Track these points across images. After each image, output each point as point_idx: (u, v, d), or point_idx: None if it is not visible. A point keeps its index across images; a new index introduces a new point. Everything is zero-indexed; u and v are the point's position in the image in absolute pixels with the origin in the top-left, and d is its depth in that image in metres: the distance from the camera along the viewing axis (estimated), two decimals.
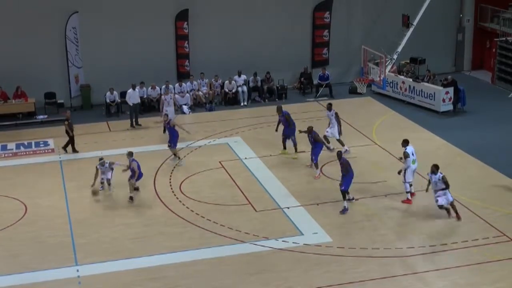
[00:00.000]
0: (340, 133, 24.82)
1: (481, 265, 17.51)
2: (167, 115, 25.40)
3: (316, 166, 23.10)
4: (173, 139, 24.50)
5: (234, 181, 22.83)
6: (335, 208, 20.66)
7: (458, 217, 19.77)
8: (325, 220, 19.92)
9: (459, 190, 21.59)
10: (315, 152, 23.22)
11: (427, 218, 20.05)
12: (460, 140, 25.92)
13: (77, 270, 17.72)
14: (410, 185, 21.11)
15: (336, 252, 18.26)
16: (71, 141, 25.54)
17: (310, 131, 23.29)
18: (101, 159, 22.32)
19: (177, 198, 21.77)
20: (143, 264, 17.93)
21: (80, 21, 30.62)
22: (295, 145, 24.87)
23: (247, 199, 21.46)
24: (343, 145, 24.74)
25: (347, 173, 20.49)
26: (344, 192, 20.45)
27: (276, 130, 25.35)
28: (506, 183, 22.24)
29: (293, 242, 18.79)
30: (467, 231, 19.21)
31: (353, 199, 20.94)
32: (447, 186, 19.66)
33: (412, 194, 21.09)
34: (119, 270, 17.70)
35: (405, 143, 21.39)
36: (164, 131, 26.08)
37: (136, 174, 21.48)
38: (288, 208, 20.89)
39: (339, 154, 20.78)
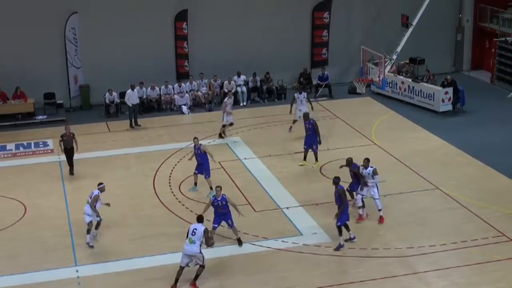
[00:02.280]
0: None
1: (480, 265, 17.52)
2: (197, 138, 22.06)
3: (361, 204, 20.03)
4: (206, 167, 21.75)
5: (233, 181, 22.83)
6: (334, 209, 20.61)
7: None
8: (324, 220, 19.89)
9: (458, 190, 21.63)
10: (353, 187, 20.08)
11: (427, 218, 20.06)
12: (459, 140, 25.93)
13: (77, 271, 17.72)
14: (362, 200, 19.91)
15: (336, 252, 18.25)
16: (67, 156, 23.68)
17: (349, 164, 20.13)
18: (100, 184, 19.52)
19: (177, 198, 21.77)
20: (143, 264, 17.93)
21: (79, 21, 30.62)
22: (315, 153, 23.84)
23: (246, 199, 21.46)
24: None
25: (342, 204, 18.24)
26: (340, 228, 18.30)
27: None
28: (505, 183, 22.26)
29: (293, 242, 18.79)
30: (466, 231, 19.21)
31: (354, 238, 18.68)
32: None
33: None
34: (119, 270, 17.70)
35: (368, 161, 19.76)
36: (192, 157, 22.26)
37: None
38: (288, 208, 20.89)
39: (336, 181, 18.41)
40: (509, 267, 17.39)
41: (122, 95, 29.82)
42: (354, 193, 20.02)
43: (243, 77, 31.73)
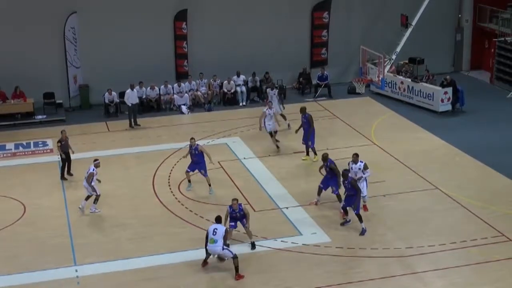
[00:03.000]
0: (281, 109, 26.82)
1: (480, 265, 17.52)
2: (194, 139, 22.00)
3: (339, 198, 20.30)
4: (203, 166, 21.83)
5: (233, 181, 22.82)
6: (334, 208, 20.66)
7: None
8: (324, 220, 19.92)
9: (457, 190, 21.63)
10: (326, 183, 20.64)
11: (426, 218, 20.06)
12: (459, 140, 25.94)
13: (76, 271, 17.72)
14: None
15: (335, 252, 18.26)
16: (64, 163, 23.46)
17: (325, 159, 20.54)
18: (95, 160, 21.18)
19: (176, 198, 21.76)
20: (142, 264, 17.93)
21: (78, 21, 30.62)
22: (312, 149, 24.17)
23: (246, 199, 21.44)
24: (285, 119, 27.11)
25: (356, 192, 18.91)
26: (359, 215, 18.98)
27: (296, 132, 24.82)
28: (504, 183, 22.26)
29: (292, 242, 18.79)
30: (465, 231, 19.22)
31: (349, 221, 19.60)
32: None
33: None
34: (118, 270, 17.70)
35: (357, 156, 20.10)
36: (187, 155, 22.23)
37: None
38: (287, 208, 20.89)
39: (346, 173, 19.09)
40: (509, 267, 17.40)
41: (121, 95, 29.80)
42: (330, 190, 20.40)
43: (242, 77, 31.74)
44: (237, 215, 18.41)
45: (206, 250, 17.39)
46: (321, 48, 33.72)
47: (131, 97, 28.55)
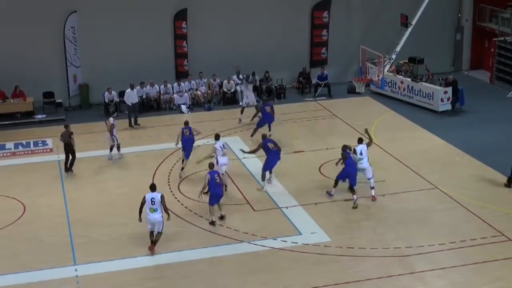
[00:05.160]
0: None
1: (479, 264, 17.53)
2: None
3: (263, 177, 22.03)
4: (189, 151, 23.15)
5: (232, 180, 22.81)
6: (333, 208, 20.68)
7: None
8: (323, 220, 19.93)
9: (457, 190, 21.64)
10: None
11: (426, 218, 20.07)
12: (459, 140, 25.94)
13: (76, 270, 17.72)
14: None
15: (335, 251, 18.26)
16: (66, 155, 23.83)
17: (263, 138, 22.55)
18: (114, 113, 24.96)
19: (176, 197, 21.76)
20: (142, 263, 17.94)
21: (78, 20, 30.61)
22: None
23: (245, 198, 21.45)
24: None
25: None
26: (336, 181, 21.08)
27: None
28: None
29: (292, 242, 18.79)
30: (465, 230, 19.23)
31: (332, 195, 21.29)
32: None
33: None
34: (118, 269, 17.70)
35: (359, 141, 21.44)
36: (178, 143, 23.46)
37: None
38: (287, 207, 20.89)
39: (344, 148, 20.98)
40: (508, 267, 17.41)
41: (121, 94, 29.83)
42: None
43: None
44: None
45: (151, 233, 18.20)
46: (321, 47, 33.72)
47: (131, 96, 28.54)
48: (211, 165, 20.07)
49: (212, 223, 19.67)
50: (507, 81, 32.59)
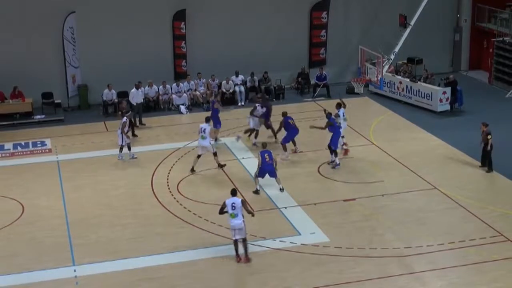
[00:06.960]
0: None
1: (478, 265, 17.53)
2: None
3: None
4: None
5: (231, 181, 22.81)
6: (332, 208, 20.67)
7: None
8: (322, 220, 19.93)
9: (456, 190, 21.65)
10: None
11: (425, 218, 20.07)
12: (457, 140, 25.96)
13: (75, 270, 17.71)
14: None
15: (334, 252, 18.26)
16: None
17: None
18: (127, 112, 25.58)
19: (175, 198, 21.76)
20: (141, 264, 17.92)
21: (77, 21, 30.60)
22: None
23: (244, 199, 21.41)
24: None
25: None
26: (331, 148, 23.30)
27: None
28: (503, 182, 22.28)
29: (291, 242, 18.79)
30: (464, 231, 19.23)
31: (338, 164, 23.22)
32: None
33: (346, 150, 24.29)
34: (117, 270, 17.69)
35: (338, 106, 24.56)
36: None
37: None
38: (286, 208, 20.90)
39: (328, 114, 23.68)
40: (507, 267, 17.40)
41: (120, 94, 29.83)
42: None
43: (241, 76, 31.75)
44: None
45: (235, 243, 17.69)
46: (320, 48, 33.73)
47: (136, 96, 28.53)
48: (264, 145, 22.46)
49: (256, 191, 21.62)
50: (506, 81, 32.60)
